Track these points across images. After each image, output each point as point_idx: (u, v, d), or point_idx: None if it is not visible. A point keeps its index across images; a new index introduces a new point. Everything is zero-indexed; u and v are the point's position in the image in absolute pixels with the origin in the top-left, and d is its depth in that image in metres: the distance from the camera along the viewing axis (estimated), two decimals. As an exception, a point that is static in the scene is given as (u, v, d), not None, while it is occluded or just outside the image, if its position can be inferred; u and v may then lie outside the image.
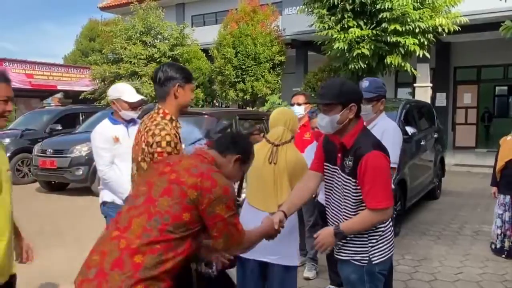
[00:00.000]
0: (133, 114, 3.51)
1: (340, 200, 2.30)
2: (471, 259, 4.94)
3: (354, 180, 2.19)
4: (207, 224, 1.85)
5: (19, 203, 8.69)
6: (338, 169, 2.29)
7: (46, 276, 4.55)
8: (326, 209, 2.43)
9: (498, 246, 5.00)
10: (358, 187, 2.19)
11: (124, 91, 3.49)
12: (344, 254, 2.33)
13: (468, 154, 13.61)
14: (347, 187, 2.24)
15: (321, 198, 3.69)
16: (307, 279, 4.35)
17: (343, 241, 2.30)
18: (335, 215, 2.35)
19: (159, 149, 2.24)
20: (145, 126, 2.39)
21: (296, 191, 2.53)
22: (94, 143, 3.49)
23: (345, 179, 2.25)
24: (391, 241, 2.34)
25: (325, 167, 2.40)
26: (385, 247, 2.29)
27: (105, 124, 3.54)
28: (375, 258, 2.27)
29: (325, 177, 2.40)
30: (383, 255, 2.29)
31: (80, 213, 7.24)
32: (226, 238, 1.89)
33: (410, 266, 4.64)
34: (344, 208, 2.28)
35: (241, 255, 2.62)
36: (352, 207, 2.24)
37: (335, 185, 2.33)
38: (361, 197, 2.19)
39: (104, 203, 3.60)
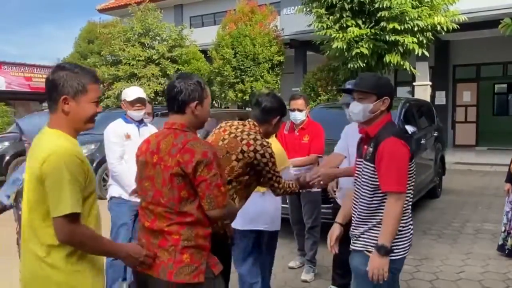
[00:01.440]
0: (136, 114, 3.81)
1: (361, 188, 2.35)
2: (473, 257, 4.92)
3: (372, 166, 2.26)
4: (195, 187, 2.00)
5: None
6: (363, 160, 2.36)
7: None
8: (353, 197, 2.45)
9: (500, 243, 4.97)
10: (376, 173, 2.25)
11: (125, 92, 3.86)
12: (359, 245, 2.34)
13: (468, 152, 13.60)
14: (367, 173, 2.30)
15: (338, 196, 3.70)
16: (305, 281, 4.32)
17: (362, 230, 2.32)
18: (355, 203, 2.40)
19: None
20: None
21: (348, 200, 2.59)
22: (106, 137, 3.78)
23: (365, 166, 2.32)
24: (408, 241, 2.32)
25: (357, 162, 2.49)
26: (401, 245, 2.27)
27: (118, 121, 3.87)
28: (392, 254, 2.23)
29: (356, 169, 2.47)
30: (398, 252, 2.26)
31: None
32: (210, 199, 1.99)
33: (411, 266, 4.61)
34: (363, 195, 2.33)
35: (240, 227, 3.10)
36: (369, 193, 2.29)
37: (361, 175, 2.38)
38: (377, 183, 2.24)
39: (111, 198, 3.84)
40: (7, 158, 10.06)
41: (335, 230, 2.54)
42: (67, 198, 1.71)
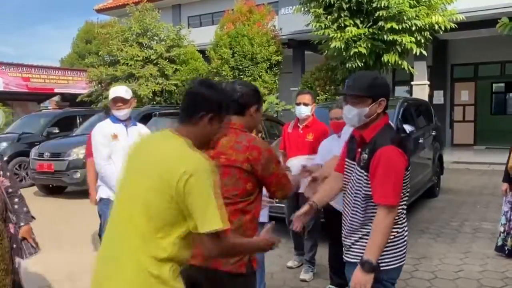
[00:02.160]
0: (117, 113, 3.71)
1: (352, 195, 2.22)
2: (471, 256, 4.92)
3: (366, 174, 2.12)
4: (266, 183, 2.20)
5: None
6: (356, 164, 2.22)
7: (43, 279, 4.52)
8: (343, 204, 2.33)
9: (499, 244, 4.95)
10: (369, 182, 2.11)
11: (110, 92, 3.79)
12: (352, 256, 2.23)
13: (466, 152, 13.62)
14: (360, 181, 2.16)
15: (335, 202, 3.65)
16: (304, 281, 4.32)
17: (352, 240, 2.21)
18: (347, 210, 2.27)
19: None
20: None
21: (325, 186, 2.49)
22: (93, 138, 3.74)
23: (358, 173, 2.18)
24: (403, 248, 2.20)
25: (346, 163, 2.33)
26: (396, 253, 2.15)
27: (106, 122, 3.83)
28: (384, 264, 2.12)
29: (345, 171, 2.32)
30: (393, 261, 2.14)
31: (78, 216, 7.20)
32: (282, 188, 2.25)
33: (410, 265, 4.61)
34: (355, 203, 2.19)
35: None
36: (362, 201, 2.16)
37: (351, 180, 2.24)
38: (371, 192, 2.11)
39: (100, 200, 3.81)
40: (5, 158, 10.04)
41: (305, 208, 2.34)
42: (215, 214, 1.64)
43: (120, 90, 3.77)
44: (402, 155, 2.10)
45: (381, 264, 2.11)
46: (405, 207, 2.24)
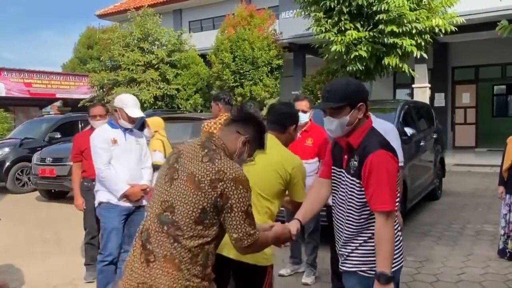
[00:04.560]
0: (129, 125, 3.79)
1: (344, 203, 2.18)
2: (473, 259, 4.92)
3: (358, 181, 2.08)
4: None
5: (20, 212, 8.69)
6: (344, 171, 2.18)
7: (46, 283, 4.53)
8: (332, 212, 2.32)
9: (500, 247, 4.95)
10: (363, 189, 2.07)
11: (127, 104, 3.74)
12: (349, 265, 2.18)
13: (468, 154, 13.61)
14: (352, 189, 2.12)
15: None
16: (306, 284, 4.32)
17: (349, 250, 2.17)
18: (340, 219, 2.23)
19: None
20: None
21: (308, 199, 2.44)
22: (93, 143, 3.74)
23: (350, 181, 2.13)
24: (400, 250, 2.18)
25: (332, 171, 2.29)
26: (394, 256, 2.11)
27: (104, 127, 3.85)
28: None
29: (332, 180, 2.29)
30: (395, 264, 2.10)
31: (80, 221, 7.19)
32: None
33: (412, 268, 4.62)
34: (348, 211, 2.16)
35: None
36: (357, 209, 2.12)
37: (340, 188, 2.21)
38: (365, 199, 2.07)
39: (99, 204, 3.78)
40: (8, 164, 10.08)
41: (292, 225, 2.29)
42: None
43: (139, 110, 3.81)
44: (392, 158, 2.07)
45: None
46: (397, 209, 2.20)
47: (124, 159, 3.71)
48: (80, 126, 11.49)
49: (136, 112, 3.74)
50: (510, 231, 4.86)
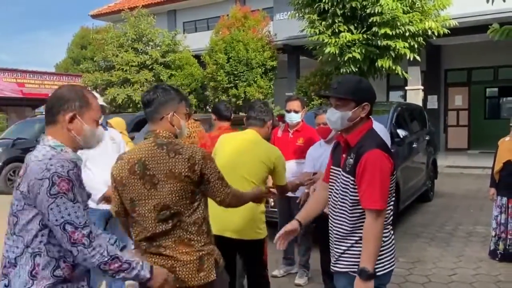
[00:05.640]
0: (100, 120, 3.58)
1: (338, 201, 2.19)
2: (464, 260, 4.96)
3: (352, 179, 2.10)
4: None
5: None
6: (341, 169, 2.20)
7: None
8: (329, 210, 2.31)
9: (491, 248, 5.00)
10: (357, 186, 2.09)
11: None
12: (341, 266, 2.19)
13: (460, 156, 13.69)
14: (346, 187, 2.14)
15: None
16: (299, 285, 4.33)
17: (341, 251, 2.18)
18: (333, 217, 2.24)
19: None
20: None
21: (312, 201, 2.49)
22: None
23: (344, 178, 2.15)
24: (392, 252, 2.19)
25: (331, 170, 2.31)
26: (386, 257, 2.13)
27: None
28: (376, 270, 2.09)
29: (330, 179, 2.30)
30: (385, 266, 2.13)
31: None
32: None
33: (404, 269, 4.65)
34: (342, 210, 2.17)
35: None
36: (349, 207, 2.13)
37: (336, 186, 2.23)
38: (358, 197, 2.09)
39: None
40: (0, 164, 10.01)
41: (291, 225, 2.33)
42: None
43: (99, 98, 3.60)
44: (388, 158, 2.09)
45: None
46: (392, 214, 2.23)
47: (100, 160, 3.55)
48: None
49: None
50: (501, 233, 4.91)
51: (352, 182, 2.11)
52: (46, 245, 1.70)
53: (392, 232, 2.26)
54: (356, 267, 2.11)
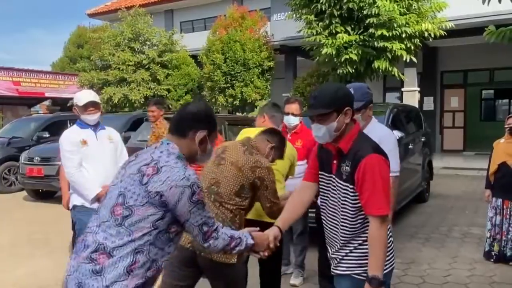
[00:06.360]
0: (90, 117, 3.60)
1: (338, 209, 2.16)
2: (459, 261, 4.97)
3: (352, 186, 2.07)
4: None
5: (7, 212, 8.59)
6: (334, 176, 2.17)
7: (34, 284, 4.49)
8: (322, 217, 2.31)
9: (486, 249, 5.02)
10: (357, 193, 2.06)
11: (77, 97, 3.62)
12: (342, 268, 2.18)
13: (456, 157, 13.73)
14: (345, 195, 2.11)
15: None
16: (294, 286, 4.34)
17: (343, 254, 2.17)
18: (333, 225, 2.22)
19: None
20: None
21: (290, 204, 2.42)
22: (61, 147, 3.57)
23: (342, 186, 2.12)
24: (391, 254, 2.20)
25: (320, 176, 2.28)
26: (387, 258, 2.13)
27: (73, 128, 3.67)
28: None
29: (320, 186, 2.28)
30: (386, 266, 2.11)
31: (68, 221, 7.10)
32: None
33: (399, 270, 4.65)
34: (343, 217, 2.14)
35: None
36: (351, 215, 2.11)
37: (331, 194, 2.20)
38: (359, 204, 2.07)
39: (74, 207, 3.63)
40: (-5, 163, 9.98)
41: (273, 233, 2.26)
42: None
43: (90, 95, 3.64)
44: (385, 162, 2.08)
45: None
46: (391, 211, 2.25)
47: (97, 160, 3.56)
48: (69, 125, 11.42)
49: (84, 99, 3.55)
50: (496, 234, 4.93)
51: (351, 190, 2.09)
52: (151, 245, 1.79)
53: (391, 234, 2.26)
54: (358, 268, 2.12)
